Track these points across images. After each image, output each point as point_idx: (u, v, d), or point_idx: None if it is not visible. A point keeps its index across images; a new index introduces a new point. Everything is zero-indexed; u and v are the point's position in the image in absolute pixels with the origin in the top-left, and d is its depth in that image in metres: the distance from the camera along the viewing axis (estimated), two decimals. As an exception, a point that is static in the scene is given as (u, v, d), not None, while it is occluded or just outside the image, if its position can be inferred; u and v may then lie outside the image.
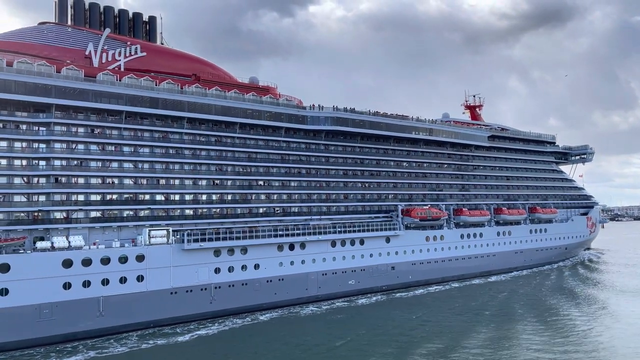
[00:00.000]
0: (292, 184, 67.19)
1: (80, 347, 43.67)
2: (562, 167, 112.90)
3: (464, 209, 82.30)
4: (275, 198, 65.27)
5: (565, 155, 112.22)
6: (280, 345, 44.68)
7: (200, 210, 58.46)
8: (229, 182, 61.61)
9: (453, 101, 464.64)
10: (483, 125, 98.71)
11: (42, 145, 50.30)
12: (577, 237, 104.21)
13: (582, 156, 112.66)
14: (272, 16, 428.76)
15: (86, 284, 47.07)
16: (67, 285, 46.10)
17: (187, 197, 58.05)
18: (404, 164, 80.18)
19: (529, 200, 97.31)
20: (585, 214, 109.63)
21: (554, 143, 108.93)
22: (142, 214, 54.50)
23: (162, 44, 66.38)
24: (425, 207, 76.94)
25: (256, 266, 58.22)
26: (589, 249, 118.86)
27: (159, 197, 56.17)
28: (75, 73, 51.75)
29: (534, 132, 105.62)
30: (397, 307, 60.09)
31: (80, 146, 52.12)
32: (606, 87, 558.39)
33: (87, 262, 47.29)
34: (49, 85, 49.13)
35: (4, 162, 48.13)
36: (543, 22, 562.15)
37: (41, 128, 50.51)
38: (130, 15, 63.39)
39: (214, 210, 59.81)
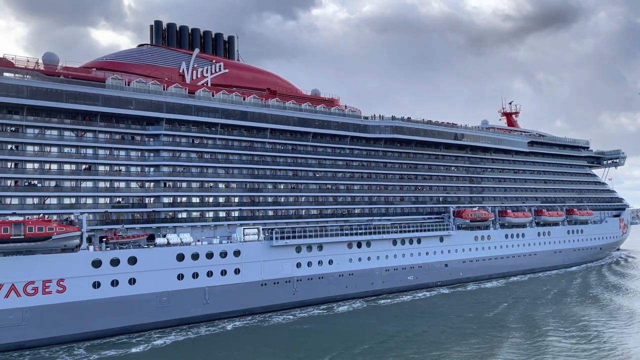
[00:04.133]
0: (355, 187, 73.66)
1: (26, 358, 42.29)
2: (595, 171, 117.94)
3: (508, 211, 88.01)
4: (340, 200, 71.81)
5: (598, 160, 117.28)
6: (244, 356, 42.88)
7: (280, 211, 65.21)
8: (303, 186, 68.27)
9: (456, 103, 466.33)
10: (522, 131, 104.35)
11: (152, 154, 57.36)
12: (611, 238, 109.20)
13: (615, 160, 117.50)
14: (275, 19, 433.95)
15: (195, 275, 53.89)
16: (180, 276, 52.96)
17: (269, 199, 64.91)
18: (453, 168, 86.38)
19: (566, 202, 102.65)
20: (617, 215, 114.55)
21: (588, 148, 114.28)
22: (233, 214, 61.37)
23: (238, 60, 73.25)
24: (474, 208, 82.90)
25: (330, 262, 64.65)
26: (619, 249, 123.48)
27: (245, 199, 63.04)
28: (180, 90, 58.82)
29: (568, 138, 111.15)
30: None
31: (183, 154, 59.18)
32: (613, 88, 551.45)
33: (195, 257, 54.12)
34: (161, 101, 56.29)
35: (123, 169, 55.34)
36: (547, 23, 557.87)
37: (150, 139, 57.58)
38: (213, 35, 70.48)
39: (291, 210, 66.48)
